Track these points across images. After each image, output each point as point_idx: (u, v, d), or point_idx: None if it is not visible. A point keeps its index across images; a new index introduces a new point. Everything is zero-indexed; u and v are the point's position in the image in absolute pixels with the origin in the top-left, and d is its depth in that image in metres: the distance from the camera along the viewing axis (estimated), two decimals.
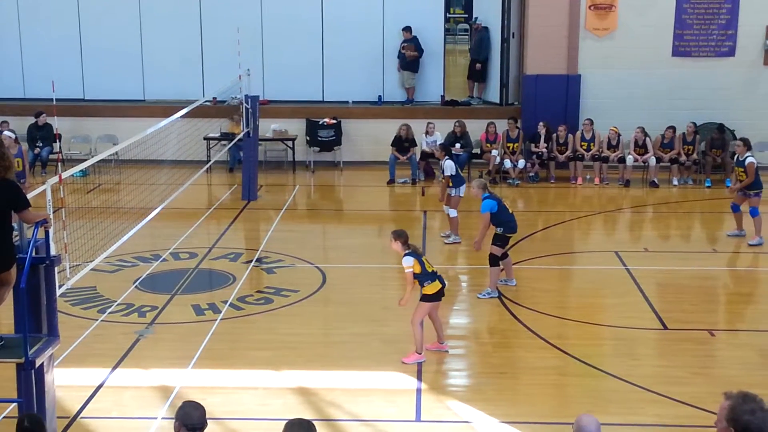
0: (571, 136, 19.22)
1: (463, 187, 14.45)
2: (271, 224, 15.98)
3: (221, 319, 11.25)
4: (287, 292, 12.28)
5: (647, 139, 18.99)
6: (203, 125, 19.19)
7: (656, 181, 18.79)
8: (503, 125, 19.45)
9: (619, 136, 19.08)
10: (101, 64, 20.92)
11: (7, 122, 18.79)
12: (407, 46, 20.48)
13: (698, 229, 16.70)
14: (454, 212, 14.52)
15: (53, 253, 7.26)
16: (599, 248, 14.79)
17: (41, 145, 19.34)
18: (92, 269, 9.60)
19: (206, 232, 15.52)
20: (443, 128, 19.44)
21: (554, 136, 19.21)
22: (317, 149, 20.34)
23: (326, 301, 12.20)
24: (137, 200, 14.17)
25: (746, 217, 14.75)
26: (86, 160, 10.61)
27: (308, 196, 19.16)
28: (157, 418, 8.69)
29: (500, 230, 12.00)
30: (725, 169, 19.05)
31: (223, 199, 18.00)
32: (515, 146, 19.23)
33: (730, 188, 15.39)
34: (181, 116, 13.81)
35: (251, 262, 13.67)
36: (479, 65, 21.40)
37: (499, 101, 21.00)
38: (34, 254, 6.85)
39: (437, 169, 18.22)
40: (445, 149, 15.09)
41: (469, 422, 8.71)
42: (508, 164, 19.08)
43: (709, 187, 18.75)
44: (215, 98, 20.08)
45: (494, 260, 12.05)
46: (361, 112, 20.74)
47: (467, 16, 33.93)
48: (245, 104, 17.19)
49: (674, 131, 18.99)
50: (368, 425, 8.62)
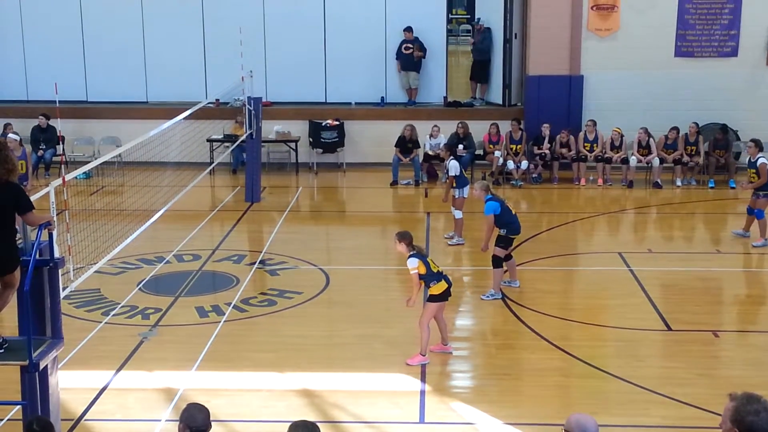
0: (572, 137, 19.21)
1: (466, 188, 14.44)
2: (274, 226, 15.98)
3: (225, 321, 11.25)
4: (291, 293, 12.28)
5: (650, 139, 18.95)
6: (206, 127, 19.20)
7: (659, 182, 18.76)
8: (506, 126, 19.44)
9: (622, 137, 19.05)
10: (104, 66, 20.95)
11: (10, 125, 18.82)
12: (414, 46, 20.47)
13: (702, 230, 16.68)
14: (459, 214, 14.52)
15: (57, 255, 7.26)
16: (603, 249, 14.77)
17: (44, 147, 19.38)
18: (96, 271, 9.59)
19: (209, 234, 15.53)
20: (446, 129, 19.41)
21: (557, 138, 19.21)
22: (320, 151, 20.34)
23: (330, 302, 12.19)
24: (140, 202, 14.16)
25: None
26: (89, 162, 10.65)
27: (311, 197, 19.16)
28: (161, 420, 8.69)
29: (503, 232, 12.01)
30: (729, 169, 19.02)
31: (226, 201, 18.00)
32: (518, 147, 19.22)
33: (742, 186, 15.27)
34: (184, 118, 13.82)
35: (255, 264, 13.67)
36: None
37: (501, 102, 20.99)
38: (37, 256, 6.85)
39: (440, 170, 18.22)
40: (450, 149, 15.08)
41: (473, 424, 8.70)
42: (511, 165, 19.06)
43: (712, 187, 18.70)
44: (218, 100, 20.09)
45: (497, 262, 12.04)
46: (363, 113, 20.73)
47: (469, 16, 33.90)
48: (248, 106, 17.19)
49: (677, 132, 18.95)
50: (372, 427, 8.61)
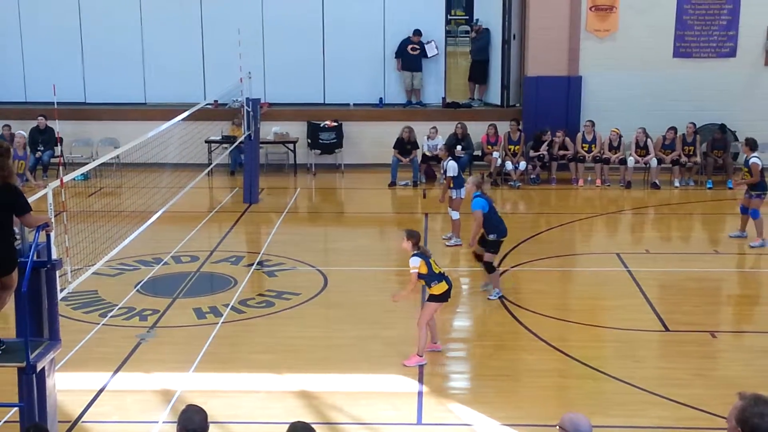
0: (568, 139, 19.21)
1: (463, 189, 14.41)
2: (272, 227, 15.98)
3: (222, 322, 11.25)
4: (288, 295, 12.28)
5: (648, 140, 18.97)
6: (204, 128, 19.20)
7: (657, 182, 18.77)
8: (504, 127, 19.45)
9: (620, 137, 19.07)
10: (102, 67, 20.94)
11: (8, 126, 18.82)
12: (428, 46, 20.51)
13: (700, 230, 16.69)
14: (456, 214, 14.52)
15: (54, 256, 7.26)
16: (601, 250, 14.78)
17: (42, 148, 19.36)
18: (93, 273, 9.58)
19: (207, 235, 15.53)
20: (444, 130, 19.43)
21: (554, 139, 19.21)
22: (318, 152, 20.34)
23: (327, 304, 12.19)
24: (138, 204, 14.17)
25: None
26: (87, 163, 10.63)
27: (309, 198, 19.16)
28: (158, 422, 8.69)
29: (493, 236, 11.90)
30: (727, 170, 19.03)
31: (224, 202, 18.00)
32: (516, 148, 19.23)
33: (735, 182, 15.32)
34: (182, 119, 13.82)
35: (252, 265, 13.67)
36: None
37: (500, 103, 21.00)
38: (35, 258, 6.85)
39: (438, 171, 18.22)
40: (448, 150, 15.07)
41: (470, 425, 8.71)
42: (509, 166, 19.07)
43: (710, 188, 18.70)
44: (216, 101, 20.08)
45: (490, 267, 12.03)
46: (362, 114, 20.73)
47: (468, 17, 33.92)
48: (246, 107, 17.19)
49: (675, 132, 18.96)
50: (369, 428, 8.61)
